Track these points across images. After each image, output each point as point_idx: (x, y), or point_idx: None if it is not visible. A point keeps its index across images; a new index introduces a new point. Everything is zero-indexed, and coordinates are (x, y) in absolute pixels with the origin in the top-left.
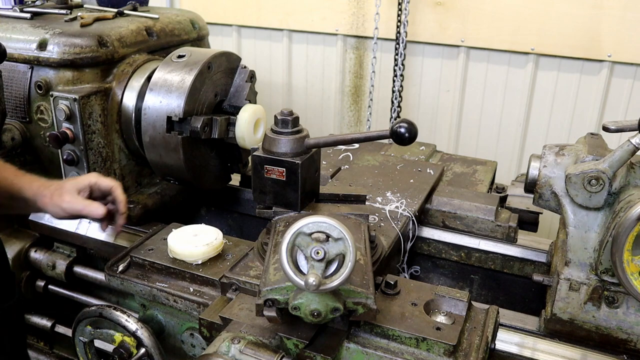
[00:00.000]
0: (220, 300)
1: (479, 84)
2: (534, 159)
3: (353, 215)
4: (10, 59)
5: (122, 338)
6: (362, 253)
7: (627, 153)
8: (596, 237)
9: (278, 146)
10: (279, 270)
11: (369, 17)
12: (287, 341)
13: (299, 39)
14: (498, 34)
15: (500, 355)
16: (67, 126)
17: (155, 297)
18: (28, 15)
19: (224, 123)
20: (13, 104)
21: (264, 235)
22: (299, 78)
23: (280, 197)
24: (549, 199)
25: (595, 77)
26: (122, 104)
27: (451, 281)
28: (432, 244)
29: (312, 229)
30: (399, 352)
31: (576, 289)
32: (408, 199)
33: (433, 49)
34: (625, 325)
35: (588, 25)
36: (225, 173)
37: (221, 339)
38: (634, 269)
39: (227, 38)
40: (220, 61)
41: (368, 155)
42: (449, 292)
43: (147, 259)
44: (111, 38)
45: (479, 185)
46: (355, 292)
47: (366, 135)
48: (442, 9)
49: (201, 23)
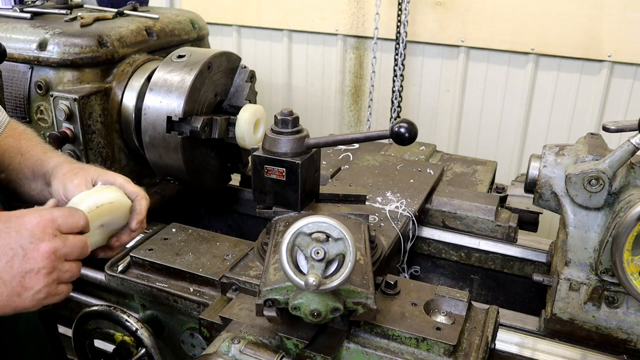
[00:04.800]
0: (220, 300)
1: (479, 84)
2: (534, 159)
3: (353, 215)
4: (10, 59)
5: (122, 338)
6: (362, 253)
7: (627, 153)
8: (596, 237)
9: (278, 146)
10: (279, 270)
11: (369, 17)
12: (287, 341)
13: (299, 39)
14: (498, 34)
15: (500, 355)
16: (67, 126)
17: (155, 297)
18: (28, 15)
19: (224, 123)
20: (13, 104)
21: (264, 235)
22: (299, 78)
23: (280, 197)
24: (549, 199)
25: (595, 77)
26: (122, 104)
27: (451, 281)
28: (432, 244)
29: (312, 229)
30: (399, 352)
31: (576, 289)
32: (408, 199)
33: (433, 49)
34: (625, 325)
35: (588, 25)
36: (225, 173)
37: (221, 339)
38: (634, 269)
39: (227, 38)
40: (220, 61)
41: (368, 155)
42: (449, 292)
43: (147, 259)
44: (111, 38)
45: (479, 185)
46: (355, 292)
47: (366, 135)
48: (442, 9)
49: (201, 23)
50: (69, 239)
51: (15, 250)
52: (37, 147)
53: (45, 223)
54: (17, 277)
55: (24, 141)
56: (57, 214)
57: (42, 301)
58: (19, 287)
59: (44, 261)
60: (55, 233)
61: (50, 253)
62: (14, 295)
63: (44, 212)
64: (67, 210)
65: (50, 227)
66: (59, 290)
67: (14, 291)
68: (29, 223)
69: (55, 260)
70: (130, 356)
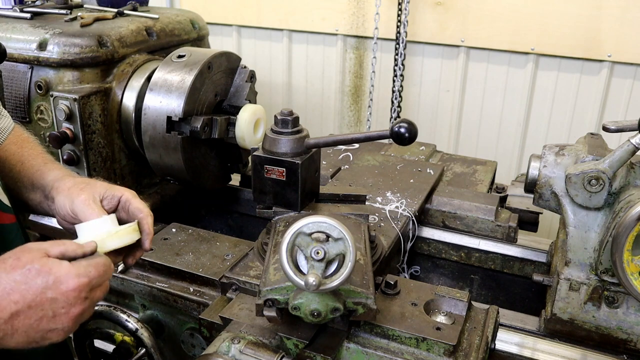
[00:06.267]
0: (220, 300)
1: (479, 84)
2: (534, 159)
3: (353, 215)
4: (10, 59)
5: (122, 338)
6: (362, 253)
7: (627, 153)
8: (596, 237)
9: (278, 146)
10: (279, 270)
11: (369, 17)
12: (287, 341)
13: (299, 39)
14: (498, 34)
15: (500, 355)
16: (67, 126)
17: (155, 297)
18: (28, 15)
19: (224, 123)
20: (13, 104)
21: (264, 235)
22: (299, 78)
23: (280, 197)
24: (549, 199)
25: (595, 77)
26: (122, 104)
27: (451, 281)
28: (432, 244)
29: (312, 229)
30: (399, 352)
31: (576, 289)
32: (408, 199)
33: (433, 49)
34: (625, 325)
35: (588, 25)
36: (225, 173)
37: (221, 339)
38: (634, 269)
39: (227, 38)
40: (220, 61)
41: (368, 155)
42: (449, 292)
43: (147, 259)
44: (111, 38)
45: (479, 185)
46: (355, 292)
47: (366, 135)
48: (442, 9)
49: (201, 23)
50: (97, 291)
51: (46, 312)
52: (39, 157)
53: (82, 288)
54: (40, 333)
55: (25, 150)
56: (93, 274)
57: (69, 329)
58: (40, 340)
59: (69, 322)
60: (87, 295)
61: (79, 315)
62: (33, 343)
63: (81, 272)
64: (102, 268)
65: (85, 291)
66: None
67: (32, 341)
68: (66, 286)
69: (80, 318)
70: (130, 356)
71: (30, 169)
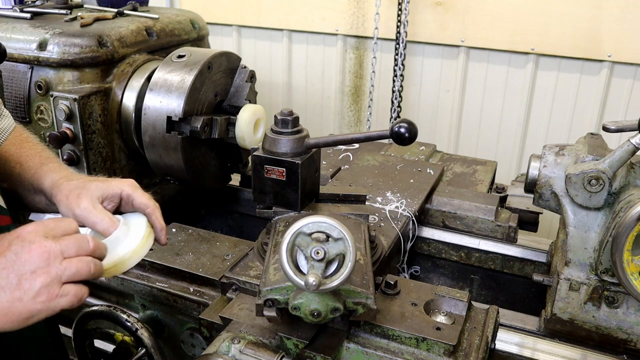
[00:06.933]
0: (220, 300)
1: (479, 84)
2: (534, 159)
3: (353, 215)
4: (10, 59)
5: (122, 338)
6: (362, 253)
7: (627, 153)
8: (596, 237)
9: (278, 146)
10: (279, 270)
11: (369, 17)
12: (287, 341)
13: (299, 39)
14: (498, 34)
15: (500, 355)
16: (67, 126)
17: (155, 297)
18: (28, 15)
19: (224, 123)
20: (13, 104)
21: (264, 235)
22: (299, 78)
23: (280, 197)
24: (549, 199)
25: (595, 77)
26: (122, 104)
27: (451, 281)
28: (432, 244)
29: (312, 229)
30: (399, 352)
31: (576, 289)
32: (408, 199)
33: (433, 49)
34: (625, 325)
35: (588, 25)
36: (225, 173)
37: (221, 339)
38: (634, 269)
39: (227, 38)
40: (220, 61)
41: (368, 155)
42: (449, 292)
43: (147, 259)
44: (111, 38)
45: (479, 185)
46: (355, 292)
47: (366, 135)
48: (442, 9)
49: (201, 23)
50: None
51: (9, 276)
52: (35, 157)
53: (49, 248)
54: (13, 281)
55: (24, 150)
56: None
57: (48, 303)
58: (17, 291)
59: (37, 293)
60: (47, 235)
61: (47, 286)
62: (15, 300)
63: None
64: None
65: (54, 254)
66: (64, 290)
67: (13, 296)
68: (30, 244)
69: (50, 293)
70: (130, 356)
71: (29, 170)
